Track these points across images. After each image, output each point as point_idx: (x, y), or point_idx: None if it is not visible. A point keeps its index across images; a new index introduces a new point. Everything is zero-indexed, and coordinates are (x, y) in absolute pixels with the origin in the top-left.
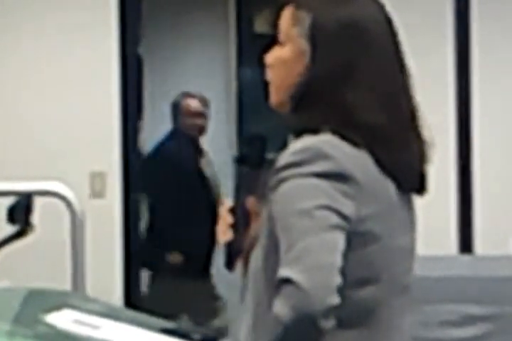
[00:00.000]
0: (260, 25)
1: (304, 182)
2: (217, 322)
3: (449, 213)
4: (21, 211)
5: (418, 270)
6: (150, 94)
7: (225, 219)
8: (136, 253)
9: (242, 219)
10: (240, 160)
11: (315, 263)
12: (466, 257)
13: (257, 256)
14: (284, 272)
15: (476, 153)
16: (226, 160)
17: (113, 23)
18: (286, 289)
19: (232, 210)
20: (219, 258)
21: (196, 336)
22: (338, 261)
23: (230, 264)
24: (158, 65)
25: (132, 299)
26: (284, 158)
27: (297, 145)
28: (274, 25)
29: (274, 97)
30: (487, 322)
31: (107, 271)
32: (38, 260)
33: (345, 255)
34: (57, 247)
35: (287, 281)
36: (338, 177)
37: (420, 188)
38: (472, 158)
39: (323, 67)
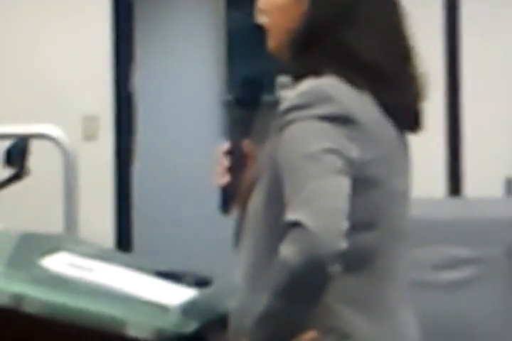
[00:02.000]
0: None
1: (309, 125)
2: None
3: (438, 155)
4: (18, 154)
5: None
6: (141, 37)
7: (221, 162)
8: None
9: (238, 162)
10: (236, 103)
11: (324, 206)
12: (454, 200)
13: (256, 199)
14: (292, 215)
15: (464, 93)
16: (215, 104)
17: None
18: (295, 232)
19: (228, 153)
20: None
21: (190, 279)
22: (346, 205)
23: (225, 207)
24: (148, 9)
25: (123, 242)
26: (289, 100)
27: (301, 88)
28: None
29: (272, 42)
30: (476, 265)
31: (99, 213)
32: (30, 203)
33: (350, 200)
34: (49, 190)
35: (296, 225)
36: (342, 119)
37: (415, 125)
38: (460, 99)
39: (322, 10)
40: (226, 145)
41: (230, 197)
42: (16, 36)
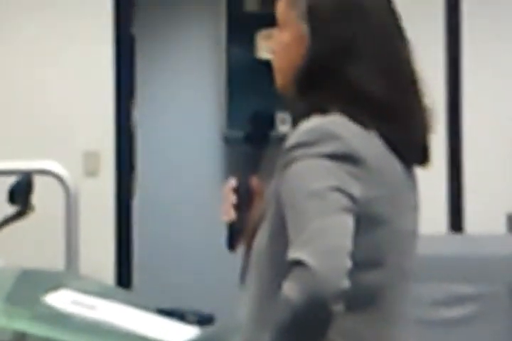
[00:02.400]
0: (251, 4)
1: (313, 163)
2: None
3: (440, 192)
4: (21, 191)
5: None
6: (142, 73)
7: (228, 199)
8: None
9: (245, 199)
10: (245, 139)
11: (327, 245)
12: (456, 236)
13: (261, 237)
14: (295, 254)
15: (465, 131)
16: (216, 139)
17: (107, 4)
18: (297, 271)
19: (236, 190)
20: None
21: (193, 317)
22: (349, 244)
23: (231, 244)
24: (149, 45)
25: (124, 277)
26: (294, 138)
27: (307, 126)
28: (264, 4)
29: (279, 81)
30: (477, 302)
31: (100, 249)
32: (31, 238)
33: (354, 238)
34: (50, 225)
35: (298, 263)
36: (347, 158)
37: (423, 159)
38: (462, 136)
39: (323, 46)
40: (233, 182)
41: (236, 234)
42: (17, 72)
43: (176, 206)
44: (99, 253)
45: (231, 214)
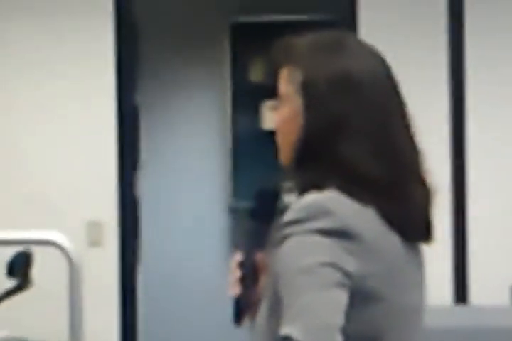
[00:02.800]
0: (256, 75)
1: (306, 239)
2: None
3: (445, 263)
4: (21, 265)
5: None
6: (147, 142)
7: (233, 273)
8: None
9: (250, 273)
10: (251, 214)
11: (316, 321)
12: (461, 307)
13: (262, 312)
14: (284, 329)
15: (470, 202)
16: (221, 210)
17: (110, 73)
18: None
19: (241, 264)
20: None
21: None
22: (339, 319)
23: (237, 318)
24: (154, 114)
25: None
26: (289, 214)
27: (301, 202)
28: (269, 74)
29: (282, 156)
30: None
31: (104, 320)
32: (35, 310)
33: (348, 313)
34: (53, 297)
35: (287, 339)
36: (341, 234)
37: (427, 237)
38: (467, 207)
39: (316, 123)
40: (239, 256)
41: (242, 308)
42: (19, 139)
43: (181, 276)
44: (103, 325)
45: (236, 289)
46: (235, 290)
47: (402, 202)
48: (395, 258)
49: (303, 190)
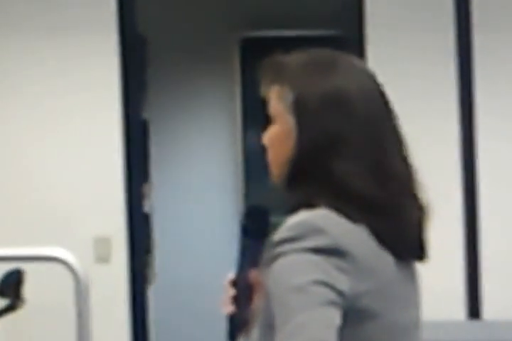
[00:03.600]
0: None
1: (298, 258)
2: None
3: (457, 278)
4: (12, 285)
5: (426, 335)
6: (156, 157)
7: (227, 292)
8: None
9: (244, 291)
10: (244, 232)
11: (309, 340)
12: (474, 322)
13: (256, 330)
14: None
15: (482, 216)
16: (232, 226)
17: (115, 86)
18: None
19: (234, 283)
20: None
21: None
22: (332, 337)
23: (232, 337)
24: (163, 129)
25: None
26: (280, 233)
27: (293, 221)
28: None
29: (274, 174)
30: None
31: (114, 337)
32: (42, 326)
33: (343, 331)
34: (61, 315)
35: None
36: (333, 252)
37: (421, 255)
38: (479, 221)
39: (308, 141)
40: (231, 275)
41: (237, 327)
42: (25, 155)
43: (194, 293)
44: None
45: (230, 307)
46: (228, 308)
47: (394, 221)
48: (387, 276)
49: (294, 208)
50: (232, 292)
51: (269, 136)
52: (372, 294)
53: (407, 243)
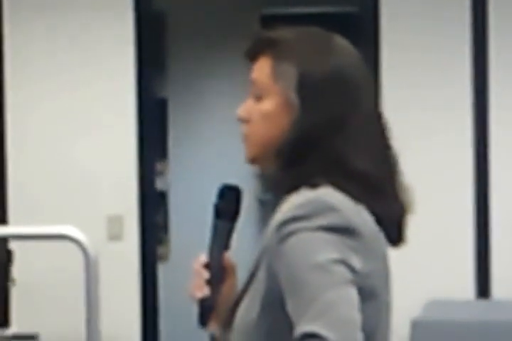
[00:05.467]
0: None
1: (312, 236)
2: None
3: (466, 257)
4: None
5: (436, 314)
6: (175, 135)
7: (200, 275)
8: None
9: (217, 274)
10: (216, 213)
11: (341, 317)
12: (483, 302)
13: (247, 312)
14: (307, 327)
15: (493, 197)
16: (251, 202)
17: (130, 65)
18: None
19: (207, 265)
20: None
21: None
22: (359, 316)
23: (203, 321)
24: (182, 108)
25: None
26: (288, 211)
27: (300, 199)
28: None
29: (251, 152)
30: None
31: (124, 315)
32: (52, 306)
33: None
34: (73, 293)
35: (312, 336)
36: (345, 231)
37: (399, 239)
38: (489, 201)
39: (313, 119)
40: (204, 257)
41: (208, 311)
42: (41, 136)
43: None
44: (122, 323)
45: (205, 290)
46: (202, 291)
47: (390, 202)
48: (383, 255)
49: (293, 188)
50: (206, 275)
51: (255, 111)
52: (374, 273)
53: (393, 224)
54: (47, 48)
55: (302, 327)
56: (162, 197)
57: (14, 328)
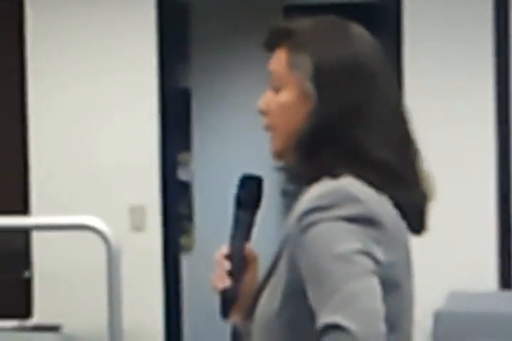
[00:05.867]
0: None
1: (335, 226)
2: None
3: (489, 249)
4: None
5: (459, 306)
6: (198, 126)
7: (221, 266)
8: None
9: (238, 265)
10: (237, 203)
11: (363, 308)
12: (506, 293)
13: (269, 303)
14: (329, 317)
15: None
16: (274, 193)
17: (152, 54)
18: (335, 335)
19: (228, 256)
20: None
21: None
22: (382, 307)
23: (225, 312)
24: (206, 98)
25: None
26: (310, 202)
27: (321, 189)
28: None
29: (277, 145)
30: None
31: (146, 306)
32: (75, 297)
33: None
34: (96, 284)
35: (335, 327)
36: (367, 221)
37: (421, 228)
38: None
39: (332, 109)
40: (225, 248)
41: (230, 302)
42: (63, 127)
43: None
44: (145, 314)
45: (226, 282)
46: (223, 282)
47: (413, 191)
48: (405, 245)
49: (313, 178)
50: (227, 265)
51: (274, 103)
52: (397, 264)
53: (416, 213)
54: (69, 38)
55: (324, 318)
56: (186, 187)
57: (36, 319)
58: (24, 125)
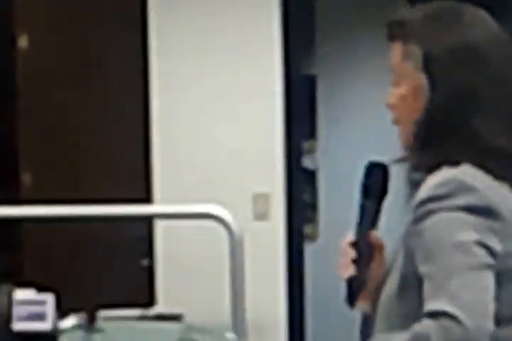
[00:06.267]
0: None
1: (453, 216)
2: None
3: None
4: None
5: None
6: (324, 113)
7: (347, 254)
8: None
9: (365, 253)
10: (364, 191)
11: (475, 300)
12: None
13: (390, 289)
14: (440, 305)
15: None
16: (401, 187)
17: (276, 41)
18: (445, 322)
19: (354, 244)
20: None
21: None
22: (492, 301)
23: (351, 301)
24: (332, 85)
25: (296, 333)
26: (428, 191)
27: (438, 179)
28: None
29: (405, 137)
30: None
31: (269, 296)
32: (200, 283)
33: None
34: (218, 273)
35: (445, 315)
36: (483, 211)
37: None
38: None
39: (444, 98)
40: (351, 236)
41: (356, 290)
42: (188, 115)
43: None
44: (268, 303)
45: (351, 270)
46: (348, 270)
47: None
48: None
49: (433, 167)
50: (353, 254)
51: (397, 97)
52: None
53: None
54: (193, 32)
55: (432, 305)
56: (311, 175)
57: (160, 308)
58: (148, 114)
